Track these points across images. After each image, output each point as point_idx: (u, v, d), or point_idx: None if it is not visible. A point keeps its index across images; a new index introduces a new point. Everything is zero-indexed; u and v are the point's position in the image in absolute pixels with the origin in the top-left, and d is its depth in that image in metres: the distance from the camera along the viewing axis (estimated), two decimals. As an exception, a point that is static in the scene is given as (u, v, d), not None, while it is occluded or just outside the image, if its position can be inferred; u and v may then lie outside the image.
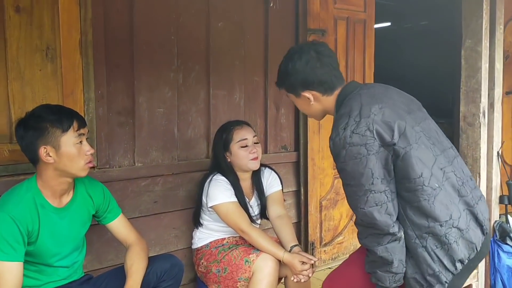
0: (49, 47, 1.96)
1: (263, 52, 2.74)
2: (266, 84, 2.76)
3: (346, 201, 3.09)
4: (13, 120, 1.89)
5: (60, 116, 1.58)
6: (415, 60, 6.20)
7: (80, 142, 1.61)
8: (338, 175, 3.03)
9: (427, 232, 1.43)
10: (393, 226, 1.42)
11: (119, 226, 1.84)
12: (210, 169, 2.23)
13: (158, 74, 2.31)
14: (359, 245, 3.19)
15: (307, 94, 1.57)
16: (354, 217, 3.14)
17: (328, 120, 3.03)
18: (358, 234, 1.53)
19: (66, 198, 1.70)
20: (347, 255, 3.17)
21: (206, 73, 2.49)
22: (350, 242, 3.18)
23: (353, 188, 1.44)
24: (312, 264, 2.02)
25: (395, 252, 1.43)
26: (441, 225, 1.41)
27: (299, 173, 2.94)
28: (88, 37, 2.04)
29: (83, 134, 1.63)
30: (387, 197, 1.41)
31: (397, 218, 1.45)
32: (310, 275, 1.99)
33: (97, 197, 1.79)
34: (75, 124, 1.60)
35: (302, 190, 2.94)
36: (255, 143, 2.18)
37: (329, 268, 3.07)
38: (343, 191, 3.05)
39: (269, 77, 2.76)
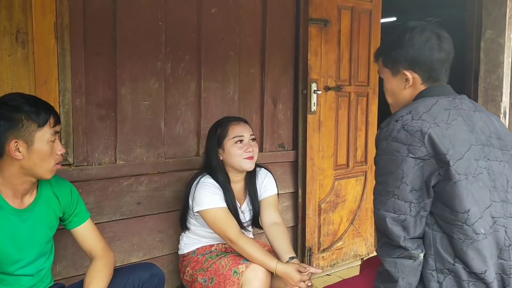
0: (19, 30, 1.77)
1: (260, 42, 2.53)
2: (263, 76, 2.56)
3: (346, 204, 2.95)
4: (-23, 111, 1.70)
5: (38, 109, 1.41)
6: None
7: (53, 140, 1.45)
8: (339, 177, 2.89)
9: (450, 269, 1.24)
10: (405, 240, 1.24)
11: (85, 233, 1.64)
12: (201, 167, 2.04)
13: (144, 64, 2.10)
14: (359, 251, 3.04)
15: (409, 74, 1.37)
16: (355, 221, 2.99)
17: (329, 118, 2.86)
18: (377, 241, 1.37)
19: (29, 199, 1.51)
20: (347, 262, 3.00)
21: (197, 64, 2.29)
22: (350, 247, 2.99)
23: (379, 186, 1.30)
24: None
25: (404, 270, 1.24)
26: (468, 272, 1.23)
27: (297, 174, 2.74)
28: (64, 20, 1.84)
29: (58, 132, 1.47)
30: (411, 210, 1.23)
31: (423, 240, 1.28)
32: (309, 284, 1.79)
33: (63, 197, 1.60)
34: (51, 120, 1.44)
35: (299, 191, 2.74)
36: (252, 140, 1.99)
37: (328, 275, 2.89)
38: (343, 194, 2.92)
39: (266, 69, 2.56)
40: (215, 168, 1.97)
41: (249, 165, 1.97)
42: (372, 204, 3.13)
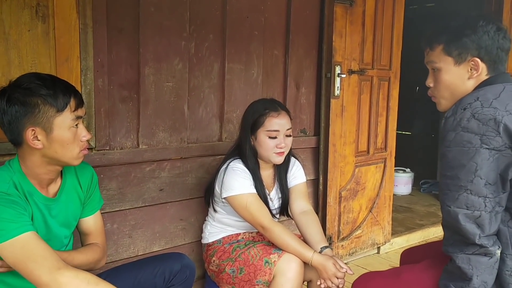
0: (40, 3, 1.64)
1: (284, 22, 2.42)
2: (286, 58, 2.45)
3: (366, 192, 2.87)
4: (-5, 90, 1.57)
5: (55, 91, 1.25)
6: (419, 45, 5.85)
7: (76, 125, 1.30)
8: (360, 164, 2.81)
9: None
10: (481, 237, 1.15)
11: (90, 224, 1.51)
12: (232, 149, 1.94)
13: (168, 42, 1.98)
14: (377, 240, 2.99)
15: (479, 62, 1.28)
16: (374, 209, 2.92)
17: (352, 103, 2.76)
18: (443, 239, 1.28)
19: (54, 187, 1.39)
20: (365, 250, 2.94)
21: (221, 43, 2.17)
22: (369, 236, 2.93)
23: (448, 180, 1.20)
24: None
25: (479, 268, 1.16)
26: None
27: (318, 160, 2.66)
28: (86, -7, 1.71)
29: (80, 117, 1.31)
30: (485, 205, 1.15)
31: (498, 237, 1.20)
32: (341, 286, 1.72)
33: (84, 181, 1.48)
34: (72, 103, 1.27)
35: (321, 179, 2.66)
36: (287, 135, 1.86)
37: (345, 263, 2.82)
38: (363, 181, 2.84)
39: (290, 51, 2.45)
40: (246, 152, 1.87)
41: (278, 160, 1.87)
42: (390, 192, 3.07)
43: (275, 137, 1.83)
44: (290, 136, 1.87)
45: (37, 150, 1.27)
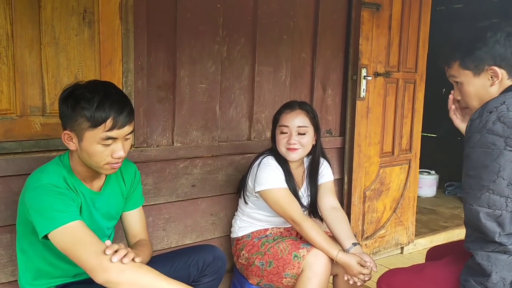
0: (86, 10, 1.76)
1: (312, 26, 2.49)
2: (313, 61, 2.53)
3: (390, 192, 2.92)
4: (46, 90, 1.71)
5: (98, 108, 1.30)
6: (448, 46, 5.77)
7: (108, 144, 1.34)
8: (384, 164, 2.86)
9: None
10: (500, 235, 1.21)
11: (134, 218, 1.64)
12: (267, 148, 2.06)
13: (202, 46, 2.09)
14: (400, 240, 3.03)
15: (497, 70, 1.33)
16: (398, 210, 2.96)
17: (377, 104, 2.82)
18: (465, 236, 1.33)
19: (99, 182, 1.51)
20: (388, 250, 2.99)
21: (251, 47, 2.26)
22: (392, 236, 2.98)
23: (471, 180, 1.25)
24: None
25: (498, 265, 1.21)
26: None
27: (343, 160, 2.72)
28: (129, 0, 1.83)
29: (116, 138, 1.35)
30: (507, 205, 1.20)
31: None
32: (367, 279, 1.79)
33: (128, 177, 1.60)
34: (109, 123, 1.31)
35: (346, 178, 2.72)
36: (300, 133, 1.92)
37: (369, 262, 2.88)
38: (388, 181, 2.89)
39: (317, 53, 2.52)
40: (275, 150, 1.98)
41: (291, 156, 1.94)
42: (414, 193, 3.10)
43: (286, 133, 1.92)
44: (304, 134, 1.92)
45: (75, 150, 1.39)
